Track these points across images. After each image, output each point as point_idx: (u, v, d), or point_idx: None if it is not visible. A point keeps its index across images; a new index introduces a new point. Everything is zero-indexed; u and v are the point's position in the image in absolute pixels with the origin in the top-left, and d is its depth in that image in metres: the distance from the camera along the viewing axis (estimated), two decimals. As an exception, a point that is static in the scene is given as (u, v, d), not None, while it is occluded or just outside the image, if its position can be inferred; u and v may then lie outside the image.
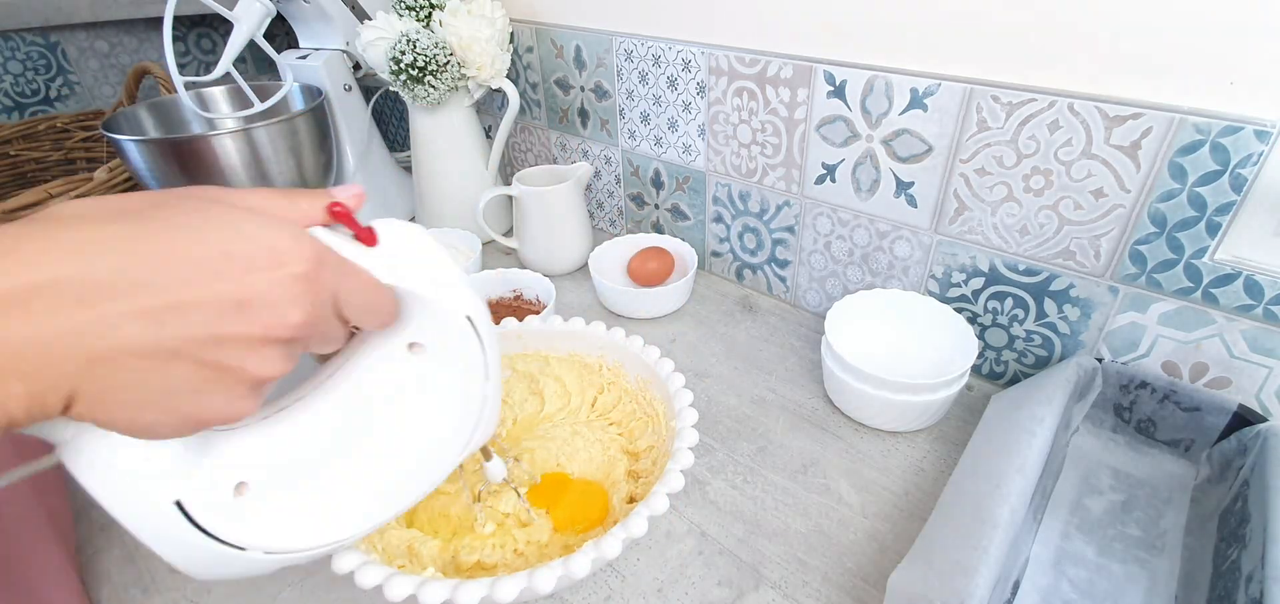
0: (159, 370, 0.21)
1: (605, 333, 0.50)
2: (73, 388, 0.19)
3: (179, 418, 0.22)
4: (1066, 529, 0.45)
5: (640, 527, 0.35)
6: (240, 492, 0.25)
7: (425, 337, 0.28)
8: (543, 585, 0.32)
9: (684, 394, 0.44)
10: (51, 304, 0.19)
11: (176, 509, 0.24)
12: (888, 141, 0.56)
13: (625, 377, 0.51)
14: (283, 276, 0.22)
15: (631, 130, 0.76)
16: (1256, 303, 0.44)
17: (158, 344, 0.20)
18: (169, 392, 0.21)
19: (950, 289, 0.59)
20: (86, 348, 0.19)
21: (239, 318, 0.21)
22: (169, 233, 0.21)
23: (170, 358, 0.21)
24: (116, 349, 0.20)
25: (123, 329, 0.20)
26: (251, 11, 0.69)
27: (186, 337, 0.21)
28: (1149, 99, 0.43)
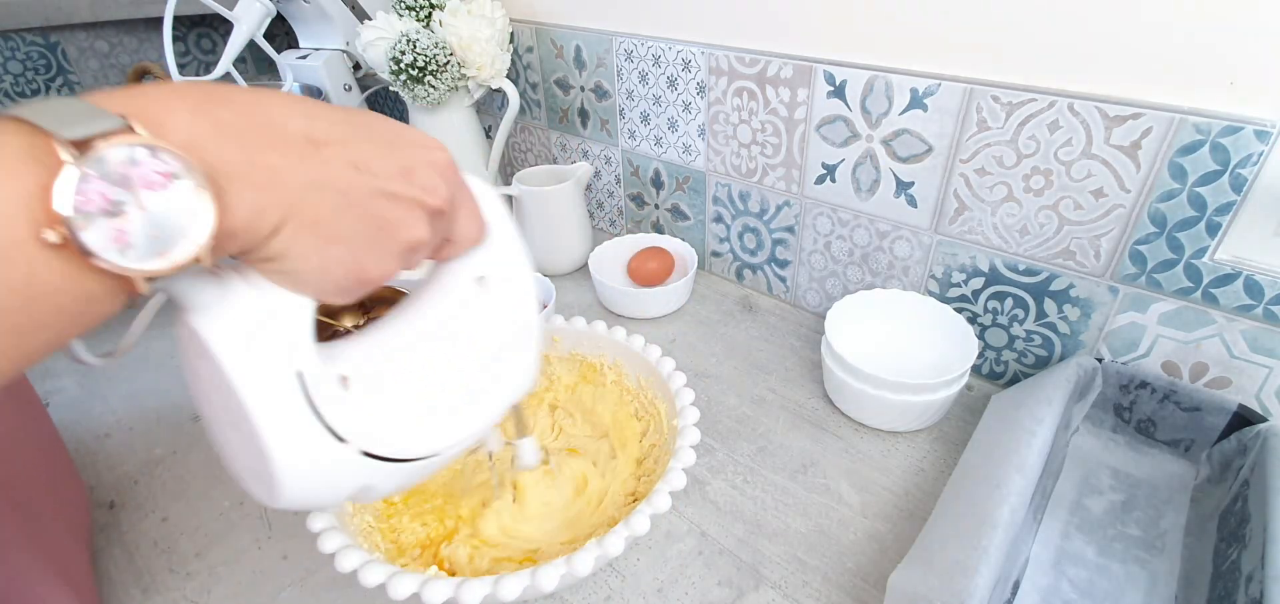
0: (350, 210, 0.24)
1: (606, 332, 0.50)
2: (287, 211, 0.23)
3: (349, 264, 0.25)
4: (1066, 529, 0.45)
5: (643, 524, 0.35)
6: (345, 384, 0.27)
7: (491, 272, 0.33)
8: (546, 583, 0.32)
9: (686, 393, 0.44)
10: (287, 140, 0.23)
11: (297, 379, 0.24)
12: (888, 141, 0.56)
13: (626, 375, 0.51)
14: (433, 160, 0.28)
15: (631, 130, 0.76)
16: (1256, 303, 0.44)
17: (355, 185, 0.24)
18: (349, 234, 0.25)
19: (950, 289, 0.59)
20: (309, 173, 0.23)
21: (406, 182, 0.26)
22: (357, 115, 0.26)
23: (360, 201, 0.25)
24: (329, 181, 0.23)
25: (335, 168, 0.24)
26: (251, 11, 0.69)
27: (373, 187, 0.25)
28: (1149, 99, 0.43)
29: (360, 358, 0.28)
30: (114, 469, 0.52)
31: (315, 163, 0.23)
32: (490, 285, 0.32)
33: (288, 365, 0.24)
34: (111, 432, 0.56)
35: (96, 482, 0.51)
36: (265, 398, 0.23)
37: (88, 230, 0.18)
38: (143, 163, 0.19)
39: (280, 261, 0.23)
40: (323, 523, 0.35)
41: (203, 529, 0.47)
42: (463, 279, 0.32)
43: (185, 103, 0.21)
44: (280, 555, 0.45)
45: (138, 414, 0.57)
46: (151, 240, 0.19)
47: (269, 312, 0.24)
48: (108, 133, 0.19)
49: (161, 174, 0.19)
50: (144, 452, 0.54)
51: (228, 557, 0.45)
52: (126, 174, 0.19)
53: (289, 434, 0.24)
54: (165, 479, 0.51)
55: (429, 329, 0.31)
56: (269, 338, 0.24)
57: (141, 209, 0.19)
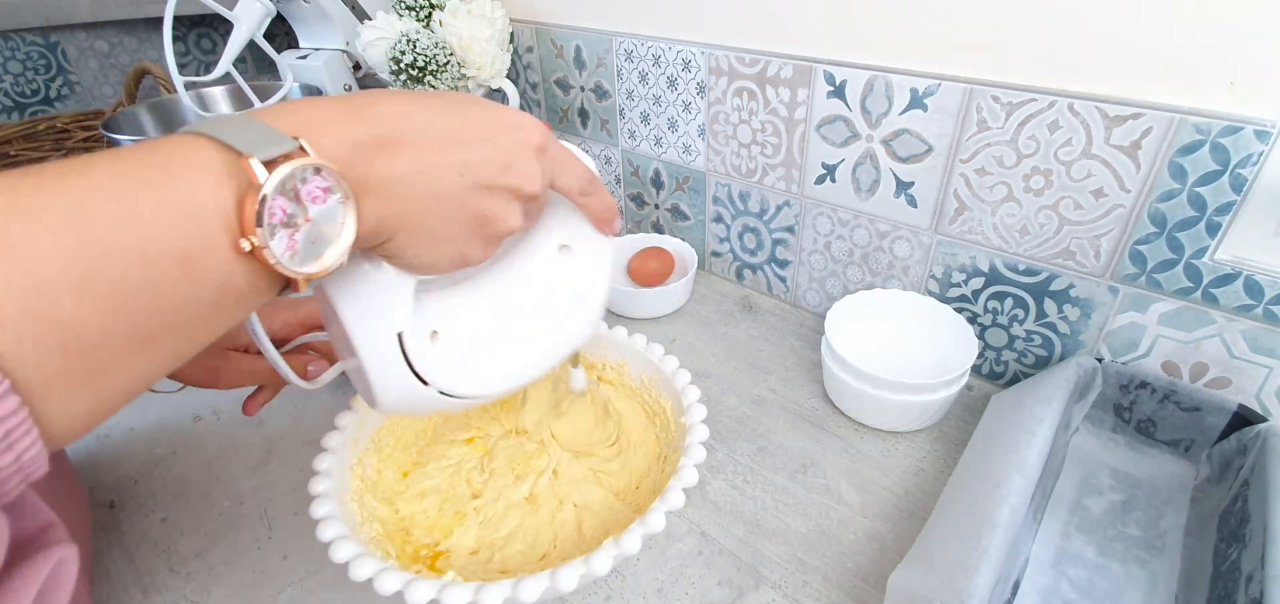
0: (454, 212, 0.27)
1: (608, 332, 0.50)
2: (401, 221, 0.26)
3: (452, 255, 0.28)
4: (1066, 529, 0.45)
5: (659, 522, 0.35)
6: (433, 338, 0.31)
7: (575, 242, 0.36)
8: (565, 584, 0.32)
9: (692, 390, 0.44)
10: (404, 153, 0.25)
11: (397, 340, 0.30)
12: (888, 141, 0.56)
13: (629, 375, 0.51)
14: (529, 141, 0.29)
15: (631, 130, 0.76)
16: (1256, 303, 0.44)
17: (460, 190, 0.27)
18: (453, 234, 0.28)
19: (950, 289, 0.59)
20: (421, 188, 0.26)
21: (505, 173, 0.28)
22: (459, 106, 0.28)
23: (463, 201, 0.27)
24: (438, 192, 0.26)
25: (445, 175, 0.26)
26: (251, 11, 0.69)
27: (473, 183, 0.27)
28: (1149, 99, 0.43)
29: (450, 313, 0.33)
30: (114, 469, 0.52)
31: (426, 176, 0.26)
32: (572, 254, 0.36)
33: (392, 327, 0.30)
34: (111, 431, 0.56)
35: (96, 482, 0.51)
36: (374, 351, 0.30)
37: (272, 240, 0.21)
38: (310, 181, 0.22)
39: (396, 258, 0.27)
40: (333, 532, 0.35)
41: (203, 529, 0.47)
42: (549, 244, 0.35)
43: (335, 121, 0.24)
44: (280, 555, 0.45)
45: (138, 414, 0.57)
46: (311, 245, 0.23)
47: (382, 285, 0.29)
48: (288, 154, 0.21)
49: (322, 190, 0.22)
50: (144, 452, 0.54)
51: (228, 557, 0.45)
52: (299, 190, 0.22)
53: (388, 378, 0.30)
54: (165, 479, 0.51)
55: (511, 289, 0.35)
56: (380, 306, 0.29)
57: (308, 220, 0.22)
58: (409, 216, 0.26)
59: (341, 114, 0.24)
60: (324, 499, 0.37)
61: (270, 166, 0.21)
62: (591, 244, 0.37)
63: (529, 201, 0.30)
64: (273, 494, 0.49)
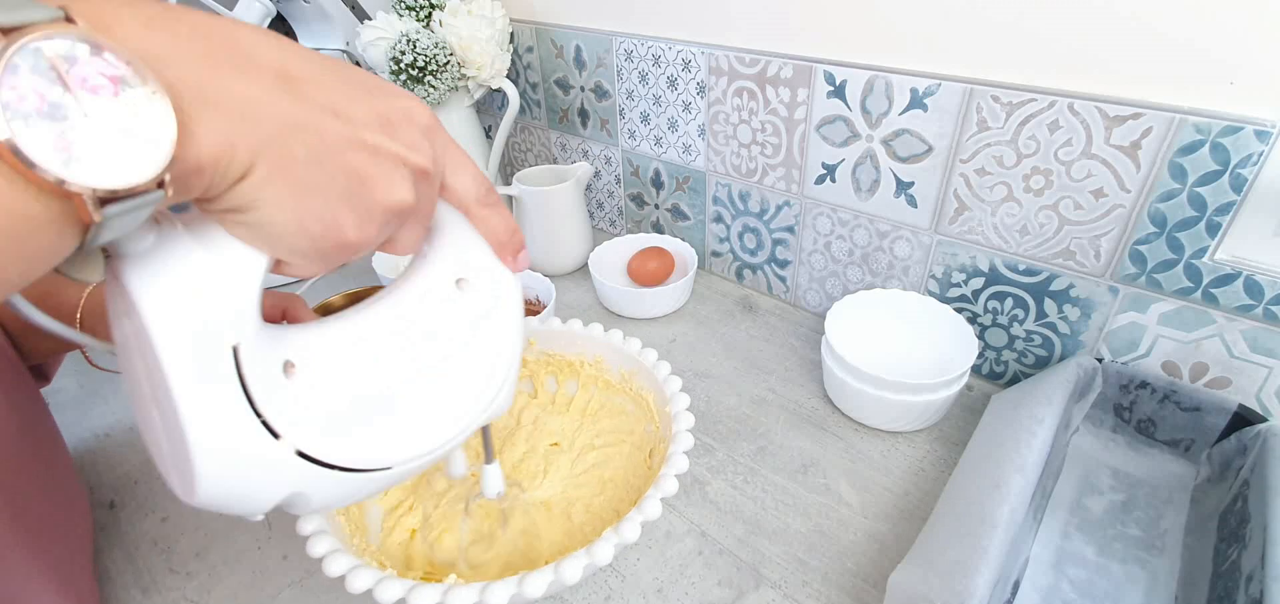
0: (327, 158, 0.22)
1: (582, 329, 0.49)
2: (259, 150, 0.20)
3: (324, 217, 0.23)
4: (1066, 529, 0.45)
5: (655, 509, 0.35)
6: (288, 371, 0.24)
7: (474, 275, 0.30)
8: (570, 576, 0.31)
9: (673, 381, 0.44)
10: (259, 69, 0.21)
11: (231, 354, 0.21)
12: (888, 141, 0.56)
13: (608, 370, 0.50)
14: (414, 115, 0.26)
15: (631, 130, 0.76)
16: (1256, 303, 0.44)
17: (333, 130, 0.23)
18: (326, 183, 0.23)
19: (950, 289, 0.59)
20: (284, 110, 0.21)
21: (387, 135, 0.24)
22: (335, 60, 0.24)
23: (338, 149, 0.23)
24: (306, 122, 0.22)
25: (313, 113, 0.22)
26: (251, 11, 0.69)
27: (351, 135, 0.23)
28: (1149, 99, 0.43)
29: (313, 345, 0.25)
30: (114, 469, 0.52)
31: (291, 99, 0.21)
32: (471, 289, 0.30)
33: (223, 336, 0.21)
34: (111, 431, 0.56)
35: (96, 482, 0.51)
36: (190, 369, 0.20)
37: (24, 130, 0.16)
38: (82, 61, 0.17)
39: (249, 212, 0.21)
40: (326, 546, 0.34)
41: (203, 529, 0.47)
42: (441, 278, 0.29)
43: (139, 10, 0.18)
44: (280, 555, 0.45)
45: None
46: (102, 151, 0.17)
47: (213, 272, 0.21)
48: (41, 22, 0.16)
49: (108, 77, 0.17)
50: (144, 452, 0.54)
51: (228, 557, 0.45)
52: (63, 73, 0.16)
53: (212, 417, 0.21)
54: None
55: (397, 327, 0.28)
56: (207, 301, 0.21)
57: (85, 116, 0.17)
58: (271, 146, 0.20)
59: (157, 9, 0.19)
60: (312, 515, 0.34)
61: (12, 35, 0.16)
62: (495, 279, 0.30)
63: (419, 176, 0.26)
64: (273, 494, 0.49)
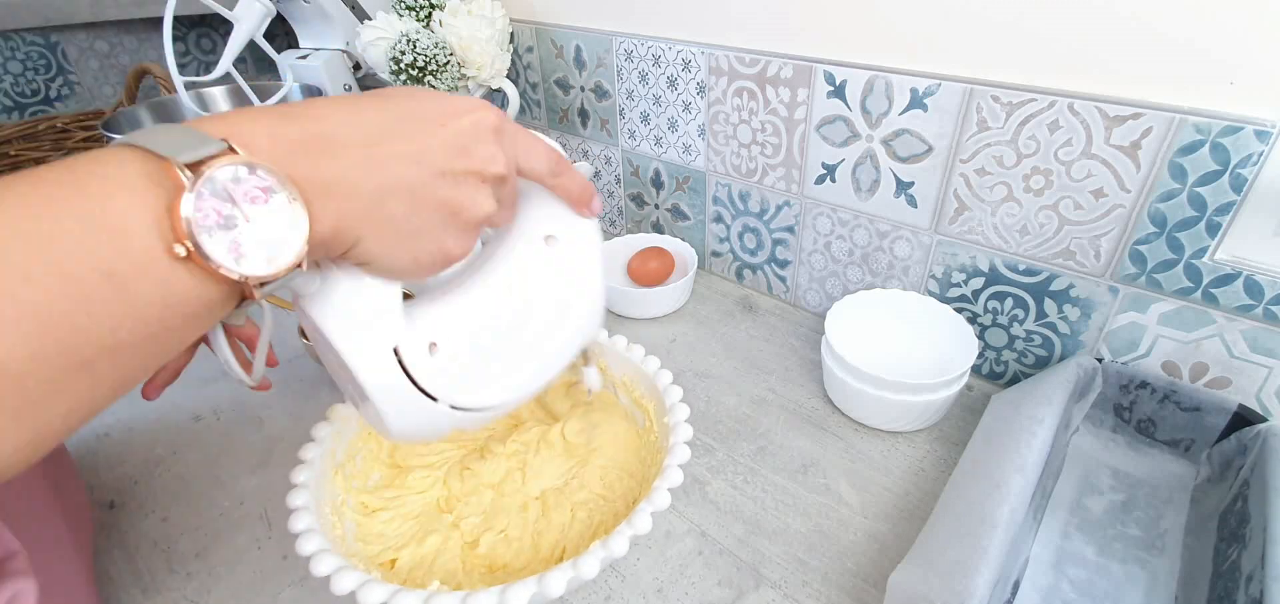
0: (420, 206, 0.26)
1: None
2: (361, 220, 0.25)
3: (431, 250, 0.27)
4: (1066, 529, 0.45)
5: (645, 523, 0.35)
6: (432, 350, 0.30)
7: (558, 231, 0.35)
8: (553, 589, 0.32)
9: (674, 390, 0.44)
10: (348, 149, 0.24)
11: (394, 355, 0.28)
12: (888, 141, 0.56)
13: (609, 376, 0.50)
14: (483, 124, 0.28)
15: (631, 130, 0.76)
16: (1256, 303, 0.44)
17: (419, 180, 0.26)
18: (424, 227, 0.27)
19: (950, 289, 0.59)
20: (375, 179, 0.25)
21: (464, 158, 0.27)
22: (400, 101, 0.27)
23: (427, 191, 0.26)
24: (396, 183, 0.25)
25: (395, 166, 0.25)
26: (251, 11, 0.69)
27: (433, 171, 0.26)
28: (1149, 99, 0.43)
29: (445, 322, 0.31)
30: (114, 469, 0.52)
31: (378, 168, 0.25)
32: (558, 243, 0.35)
33: (387, 343, 0.28)
34: (111, 431, 0.56)
35: (96, 482, 0.51)
36: (373, 373, 0.28)
37: (209, 242, 0.20)
38: (244, 180, 0.21)
39: (369, 263, 0.26)
40: (329, 566, 0.34)
41: (203, 529, 0.47)
42: (532, 237, 0.34)
43: (262, 126, 0.23)
44: (280, 556, 0.45)
45: (138, 414, 0.57)
46: (260, 247, 0.22)
47: (365, 296, 0.27)
48: (214, 156, 0.21)
49: (261, 190, 0.22)
50: (144, 452, 0.54)
51: (228, 557, 0.45)
52: (232, 191, 0.21)
53: (393, 399, 0.29)
54: (165, 479, 0.51)
55: (503, 288, 0.33)
56: (369, 321, 0.28)
57: (248, 221, 0.21)
58: (371, 213, 0.25)
59: (275, 117, 0.23)
60: (304, 512, 0.36)
61: (197, 168, 0.20)
62: (576, 230, 0.35)
63: (497, 184, 0.29)
64: (273, 494, 0.49)
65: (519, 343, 0.34)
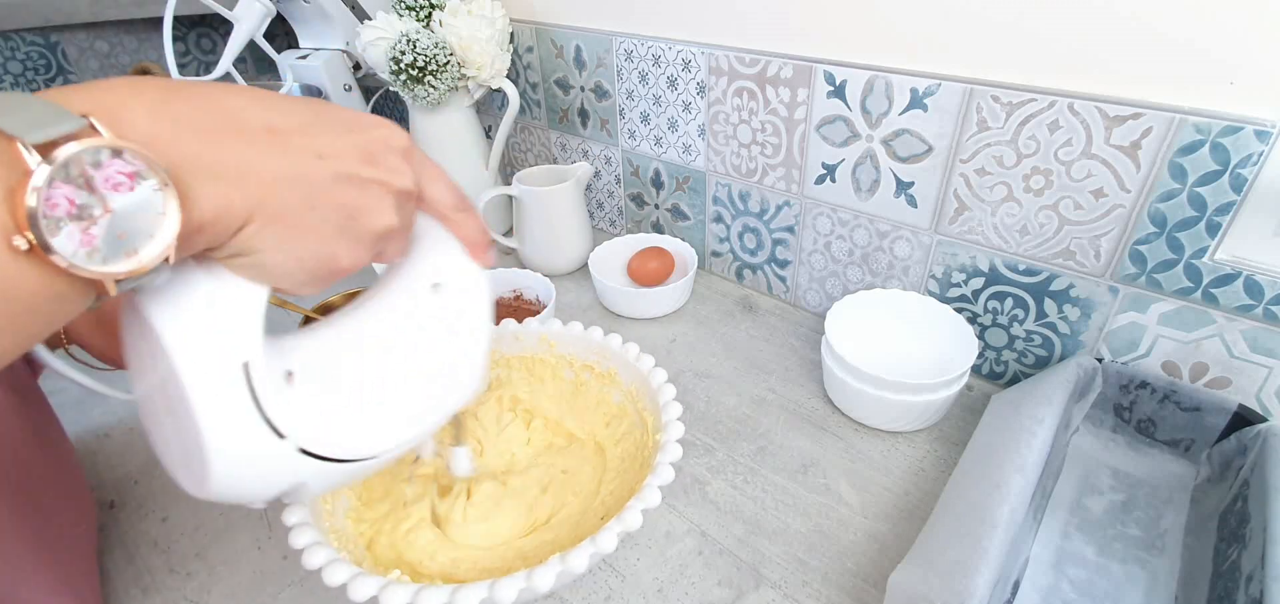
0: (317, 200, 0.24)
1: (583, 332, 0.50)
2: (254, 205, 0.23)
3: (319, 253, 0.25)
4: (1066, 529, 0.45)
5: (635, 521, 0.35)
6: (289, 379, 0.27)
7: (446, 279, 0.33)
8: (542, 584, 0.32)
9: (667, 388, 0.44)
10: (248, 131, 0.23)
11: (243, 371, 0.24)
12: (888, 141, 0.56)
13: (619, 380, 0.50)
14: (393, 141, 0.28)
15: (631, 130, 0.76)
16: (1256, 303, 0.44)
17: (320, 173, 0.24)
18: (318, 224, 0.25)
19: (950, 289, 0.59)
20: (274, 165, 0.23)
21: (370, 165, 0.26)
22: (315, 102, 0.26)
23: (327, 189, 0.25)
24: (295, 172, 0.24)
25: (299, 157, 0.24)
26: (251, 11, 0.69)
27: (338, 172, 0.25)
28: (1149, 99, 0.43)
29: (309, 353, 0.28)
30: (114, 469, 0.52)
31: (279, 153, 0.23)
32: (445, 292, 0.33)
33: (235, 356, 0.24)
34: (111, 432, 0.56)
35: (96, 482, 0.51)
36: (208, 387, 0.24)
37: (56, 236, 0.18)
38: (106, 164, 0.19)
39: (250, 255, 0.23)
40: (312, 541, 0.34)
41: (203, 529, 0.47)
42: (419, 283, 0.32)
43: (143, 99, 0.20)
44: (280, 556, 0.45)
45: (138, 414, 0.57)
46: (119, 241, 0.19)
47: (223, 301, 0.24)
48: (72, 134, 0.18)
49: (126, 174, 0.19)
50: (144, 452, 0.54)
51: (228, 557, 0.45)
52: (91, 176, 0.18)
53: (227, 425, 0.24)
54: (165, 479, 0.51)
55: (380, 331, 0.31)
56: (220, 327, 0.24)
57: (108, 211, 0.19)
58: (263, 201, 0.23)
59: (159, 93, 0.21)
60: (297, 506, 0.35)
61: (48, 150, 0.18)
62: (465, 281, 0.33)
63: (402, 198, 0.28)
64: (273, 494, 0.49)
65: (386, 392, 0.31)
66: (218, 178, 0.21)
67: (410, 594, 0.30)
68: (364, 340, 0.31)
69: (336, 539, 0.38)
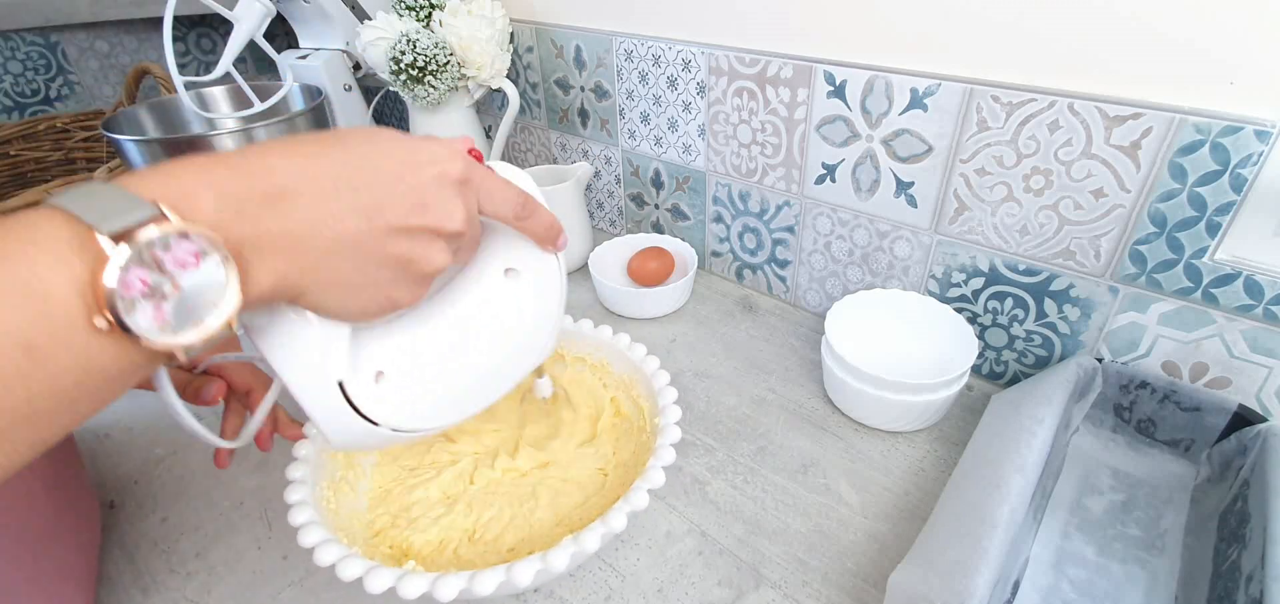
0: (368, 262, 0.26)
1: (573, 326, 0.52)
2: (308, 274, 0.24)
3: (378, 300, 0.27)
4: (1066, 529, 0.45)
5: (642, 499, 0.36)
6: (379, 378, 0.31)
7: (519, 263, 0.35)
8: (557, 563, 0.33)
9: (668, 389, 0.45)
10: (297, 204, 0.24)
11: (339, 389, 0.29)
12: (888, 141, 0.56)
13: (612, 372, 0.51)
14: (446, 174, 0.28)
15: (631, 130, 0.76)
16: (1256, 303, 0.44)
17: (369, 236, 0.25)
18: (372, 281, 0.27)
19: (950, 289, 0.59)
20: (324, 237, 0.24)
21: (421, 214, 0.27)
22: (359, 147, 0.26)
23: (376, 247, 0.26)
24: (344, 240, 0.25)
25: (347, 222, 0.25)
26: (251, 11, 0.69)
27: (387, 228, 0.26)
28: (1149, 99, 0.43)
29: (394, 352, 0.32)
30: (114, 469, 0.52)
31: (329, 222, 0.24)
32: (519, 277, 0.35)
33: (331, 376, 0.29)
34: (111, 432, 0.56)
35: (97, 482, 0.51)
36: (316, 402, 0.29)
37: (132, 314, 0.20)
38: (175, 246, 0.21)
39: (318, 309, 0.26)
40: (319, 537, 0.35)
41: (203, 529, 0.47)
42: (492, 270, 0.34)
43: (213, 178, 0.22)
44: (280, 556, 0.45)
45: (138, 414, 0.57)
46: (186, 313, 0.21)
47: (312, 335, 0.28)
48: (144, 221, 0.20)
49: (193, 254, 0.21)
50: (144, 452, 0.54)
51: (228, 557, 0.45)
52: (160, 258, 0.20)
53: (335, 424, 0.30)
54: (165, 479, 0.51)
55: (458, 320, 0.34)
56: (313, 357, 0.28)
57: (177, 289, 0.21)
58: (316, 270, 0.25)
59: (223, 170, 0.23)
60: (302, 506, 0.37)
61: (124, 237, 0.20)
62: (538, 264, 0.35)
63: (454, 238, 0.29)
64: (273, 494, 0.49)
65: (467, 372, 0.34)
66: (275, 253, 0.23)
67: (427, 583, 0.32)
68: (444, 330, 0.33)
69: (340, 530, 0.39)
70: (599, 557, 0.44)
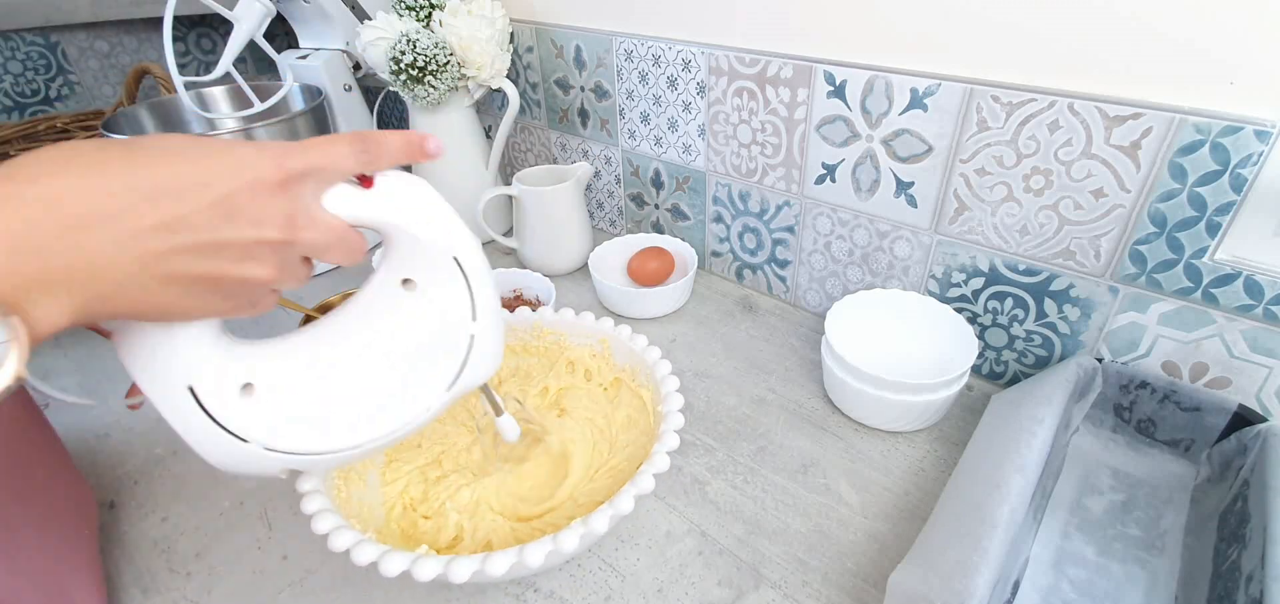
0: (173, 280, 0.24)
1: (577, 319, 0.52)
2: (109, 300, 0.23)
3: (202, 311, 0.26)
4: (1066, 529, 0.45)
5: (647, 484, 0.36)
6: (247, 392, 0.29)
7: (416, 273, 0.32)
8: (568, 544, 0.33)
9: (671, 383, 0.45)
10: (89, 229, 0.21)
11: (189, 394, 0.28)
12: (888, 141, 0.56)
13: (613, 362, 0.52)
14: (255, 184, 0.25)
15: (631, 130, 0.76)
16: (1256, 303, 0.44)
17: (170, 253, 0.23)
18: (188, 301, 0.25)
19: (950, 289, 0.59)
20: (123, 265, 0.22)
21: (227, 226, 0.24)
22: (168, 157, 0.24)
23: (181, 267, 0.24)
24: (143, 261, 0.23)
25: (149, 242, 0.23)
26: (251, 11, 0.69)
27: (191, 243, 0.24)
28: (1149, 99, 0.43)
29: (268, 366, 0.30)
30: (114, 469, 0.52)
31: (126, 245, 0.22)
32: (417, 286, 0.32)
33: (180, 381, 0.28)
34: (111, 431, 0.56)
35: (96, 482, 0.51)
36: (168, 406, 0.28)
37: None
38: None
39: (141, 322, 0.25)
40: (327, 522, 0.35)
41: (203, 529, 0.47)
42: (388, 283, 0.32)
43: None
44: (280, 556, 0.45)
45: (137, 413, 0.57)
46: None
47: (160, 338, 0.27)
48: None
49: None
50: (144, 452, 0.54)
51: (228, 557, 0.45)
52: None
53: (195, 433, 0.28)
54: (165, 479, 0.51)
55: (344, 333, 0.32)
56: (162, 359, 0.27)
57: None
58: (118, 296, 0.23)
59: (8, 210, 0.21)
60: (315, 494, 0.37)
61: None
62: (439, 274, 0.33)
63: (278, 247, 0.26)
64: (273, 494, 0.49)
65: (363, 391, 0.32)
66: (70, 288, 0.22)
67: (441, 565, 0.32)
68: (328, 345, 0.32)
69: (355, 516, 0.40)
70: (599, 557, 0.44)
